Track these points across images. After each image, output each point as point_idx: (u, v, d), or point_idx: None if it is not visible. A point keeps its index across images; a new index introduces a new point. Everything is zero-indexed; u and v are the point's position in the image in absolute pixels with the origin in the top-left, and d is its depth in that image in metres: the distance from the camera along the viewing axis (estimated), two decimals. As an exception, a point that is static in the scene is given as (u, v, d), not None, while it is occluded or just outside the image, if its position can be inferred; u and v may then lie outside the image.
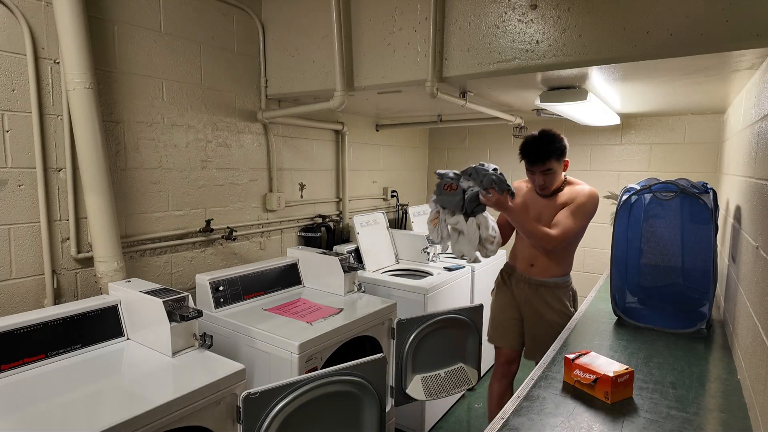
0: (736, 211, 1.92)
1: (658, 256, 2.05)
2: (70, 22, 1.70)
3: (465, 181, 2.04)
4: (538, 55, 1.77)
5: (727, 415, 1.29)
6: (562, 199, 2.15)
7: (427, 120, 3.73)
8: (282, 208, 2.85)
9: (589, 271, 3.84)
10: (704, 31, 1.46)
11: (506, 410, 1.30)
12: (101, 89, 1.93)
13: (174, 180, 2.26)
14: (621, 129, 3.61)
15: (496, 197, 1.95)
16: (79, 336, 1.63)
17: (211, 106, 2.40)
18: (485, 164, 2.07)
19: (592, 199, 2.11)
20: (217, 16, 2.38)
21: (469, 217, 2.04)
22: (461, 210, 2.03)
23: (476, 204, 2.01)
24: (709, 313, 1.89)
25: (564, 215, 2.10)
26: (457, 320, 2.06)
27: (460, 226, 2.04)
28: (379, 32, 2.13)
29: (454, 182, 2.05)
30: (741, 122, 2.10)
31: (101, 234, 1.85)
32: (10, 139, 1.73)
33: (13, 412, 1.25)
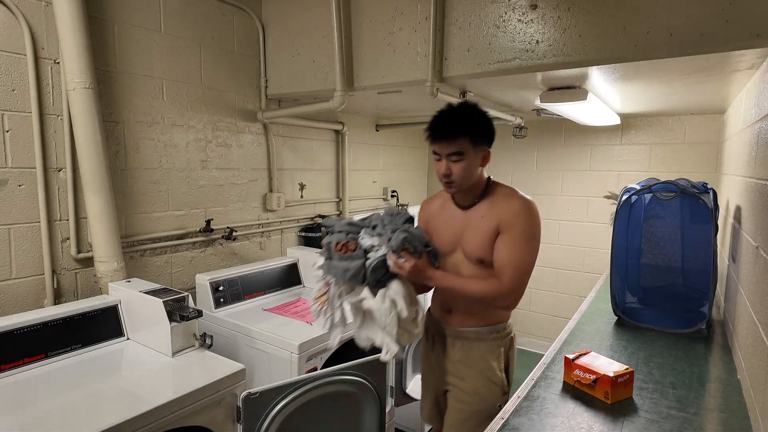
0: (736, 211, 1.92)
1: (658, 256, 2.04)
2: (70, 22, 1.70)
3: (367, 236, 1.43)
4: (538, 55, 1.77)
5: (727, 415, 1.29)
6: (488, 213, 1.48)
7: (427, 120, 3.71)
8: (282, 208, 2.85)
9: (589, 271, 3.84)
10: (704, 31, 1.46)
11: (506, 410, 1.30)
12: (101, 89, 1.93)
13: (174, 180, 2.26)
14: (621, 129, 3.61)
15: (412, 263, 1.38)
16: (79, 336, 1.63)
17: (211, 106, 2.40)
18: (395, 211, 1.52)
19: (532, 213, 1.46)
20: (217, 16, 2.38)
21: (379, 288, 1.41)
22: (362, 281, 1.39)
23: (385, 272, 1.40)
24: (709, 313, 1.89)
25: (506, 250, 1.42)
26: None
27: (366, 304, 1.40)
28: (379, 32, 2.13)
29: (350, 239, 1.43)
30: (741, 122, 2.10)
31: (101, 234, 1.85)
32: (10, 139, 1.73)
33: (13, 412, 1.25)
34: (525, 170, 4.03)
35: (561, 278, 3.98)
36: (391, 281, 1.41)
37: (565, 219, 3.91)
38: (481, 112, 1.48)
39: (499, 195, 1.52)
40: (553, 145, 3.90)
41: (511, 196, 1.50)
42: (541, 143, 3.94)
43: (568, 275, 3.94)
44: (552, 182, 3.93)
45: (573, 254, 3.90)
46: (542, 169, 3.96)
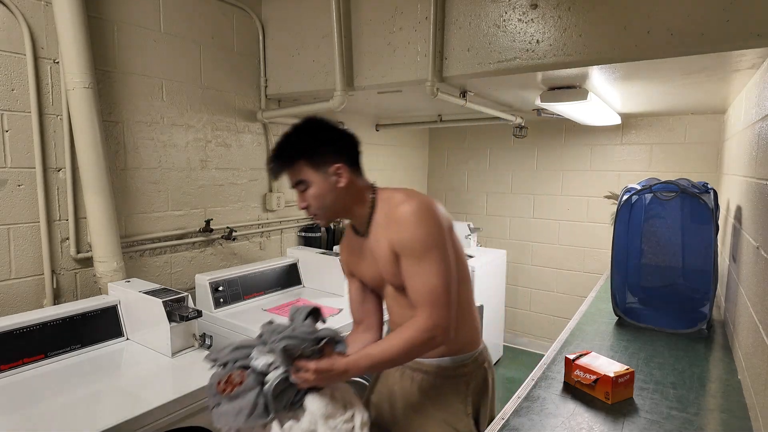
0: (737, 211, 1.91)
1: (658, 256, 2.04)
2: (70, 22, 1.70)
3: (261, 354, 1.12)
4: (538, 54, 1.77)
5: (727, 416, 1.29)
6: (381, 235, 1.22)
7: (427, 120, 3.73)
8: (282, 208, 2.85)
9: (589, 271, 3.84)
10: (704, 31, 1.46)
11: (506, 410, 1.30)
12: (101, 89, 1.93)
13: (173, 180, 2.26)
14: (621, 129, 3.61)
15: (315, 367, 1.08)
16: (78, 336, 1.63)
17: (211, 106, 2.40)
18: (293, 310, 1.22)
19: (423, 217, 1.14)
20: (217, 16, 2.38)
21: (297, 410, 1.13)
22: (268, 414, 1.08)
23: (296, 390, 1.12)
24: (709, 314, 1.89)
25: (412, 279, 1.16)
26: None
27: None
28: (379, 32, 2.13)
29: (234, 369, 1.12)
30: (741, 122, 2.10)
31: (101, 234, 1.84)
32: (10, 139, 1.72)
33: (13, 412, 1.25)
34: (525, 170, 4.03)
35: (561, 278, 3.98)
36: (306, 397, 1.12)
37: (565, 219, 3.91)
38: (315, 126, 1.27)
39: (388, 208, 1.22)
40: (553, 145, 3.90)
41: (397, 207, 1.17)
42: (541, 143, 3.94)
43: (569, 275, 3.94)
44: (552, 182, 3.93)
45: (573, 254, 3.90)
46: (542, 169, 3.96)
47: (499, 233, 4.22)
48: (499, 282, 3.71)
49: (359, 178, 1.27)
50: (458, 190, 4.40)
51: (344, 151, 1.25)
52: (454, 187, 4.42)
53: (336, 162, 1.21)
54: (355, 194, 1.25)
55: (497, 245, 4.16)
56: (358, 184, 1.26)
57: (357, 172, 1.27)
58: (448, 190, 4.47)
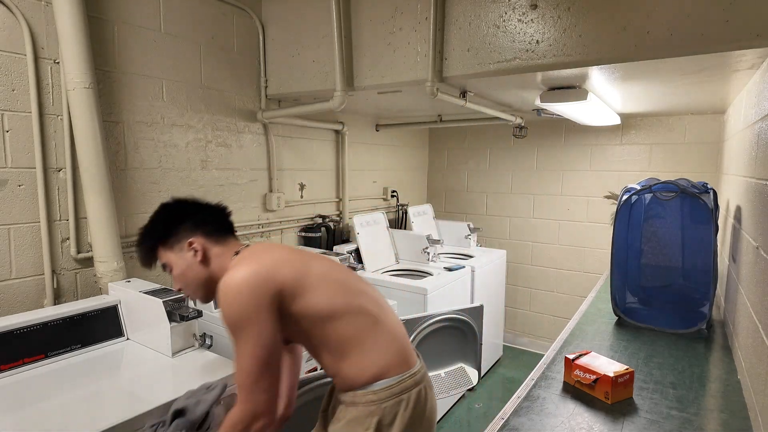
0: (737, 211, 1.92)
1: (658, 256, 2.04)
2: (70, 22, 1.70)
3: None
4: (538, 55, 1.77)
5: (727, 415, 1.29)
6: None
7: (427, 120, 3.73)
8: (282, 208, 2.85)
9: (589, 271, 3.84)
10: (704, 31, 1.46)
11: (506, 410, 1.30)
12: (101, 89, 1.93)
13: (174, 180, 2.26)
14: (621, 129, 3.61)
15: None
16: (79, 336, 1.63)
17: (211, 106, 2.40)
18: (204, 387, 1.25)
19: (228, 297, 1.07)
20: (217, 16, 2.38)
21: None
22: None
23: None
24: (709, 313, 1.89)
25: (234, 351, 1.09)
26: (457, 320, 2.06)
27: None
28: (379, 32, 2.13)
29: None
30: (741, 122, 2.10)
31: (101, 234, 1.85)
32: (10, 139, 1.72)
33: (13, 412, 1.25)
34: (525, 170, 4.03)
35: (561, 278, 3.98)
36: None
37: (565, 219, 3.91)
38: (164, 210, 1.27)
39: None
40: (553, 145, 3.90)
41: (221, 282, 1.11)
42: (541, 143, 3.94)
43: (569, 275, 3.94)
44: (552, 182, 3.93)
45: (573, 254, 3.90)
46: (542, 169, 3.96)
47: (499, 233, 4.23)
48: (499, 282, 3.72)
49: (223, 245, 1.25)
50: (458, 190, 4.40)
51: (200, 224, 1.24)
52: (454, 187, 4.42)
53: (190, 237, 1.22)
54: (218, 263, 1.23)
55: (497, 245, 4.16)
56: (220, 252, 1.23)
57: (221, 241, 1.25)
58: (448, 190, 4.47)
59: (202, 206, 1.31)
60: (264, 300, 1.06)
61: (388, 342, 1.15)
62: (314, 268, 1.16)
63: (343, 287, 1.17)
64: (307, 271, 1.14)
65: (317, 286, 1.12)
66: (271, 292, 1.07)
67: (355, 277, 1.25)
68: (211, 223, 1.26)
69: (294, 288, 1.09)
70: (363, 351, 1.12)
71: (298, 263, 1.15)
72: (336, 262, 1.28)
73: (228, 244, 1.26)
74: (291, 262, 1.14)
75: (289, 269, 1.11)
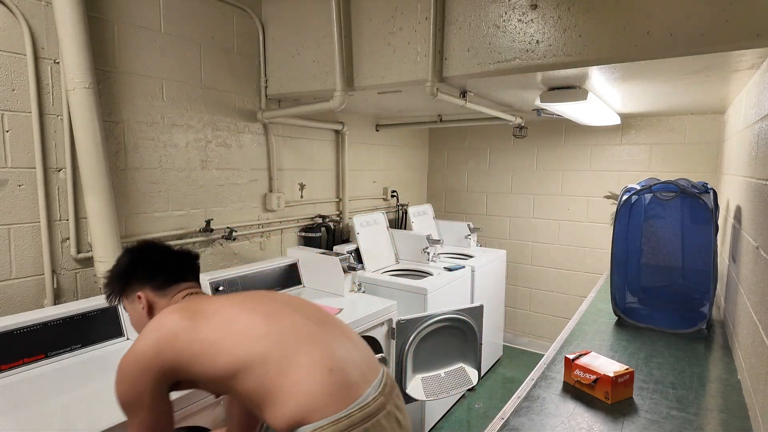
0: (737, 211, 1.92)
1: (658, 256, 2.04)
2: (70, 22, 1.70)
3: None
4: (538, 55, 1.77)
5: (727, 416, 1.29)
6: None
7: (427, 120, 3.73)
8: (282, 208, 2.85)
9: (589, 271, 3.84)
10: (704, 31, 1.46)
11: (506, 410, 1.30)
12: (101, 89, 1.93)
13: (174, 180, 2.26)
14: (621, 129, 3.61)
15: None
16: (79, 336, 1.63)
17: (211, 106, 2.40)
18: None
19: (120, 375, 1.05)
20: (217, 16, 2.38)
21: None
22: None
23: None
24: (709, 313, 1.89)
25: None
26: (457, 320, 2.06)
27: None
28: (379, 32, 2.13)
29: None
30: (741, 122, 2.10)
31: (101, 234, 1.85)
32: (10, 139, 1.73)
33: (13, 412, 1.25)
34: (525, 170, 4.03)
35: (561, 278, 3.98)
36: None
37: (565, 219, 3.91)
38: (118, 265, 1.27)
39: None
40: (553, 145, 3.90)
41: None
42: (541, 143, 3.94)
43: (569, 275, 3.94)
44: (552, 182, 3.93)
45: (573, 254, 3.90)
46: (542, 169, 3.96)
47: (499, 233, 4.23)
48: (499, 282, 3.72)
49: (168, 297, 1.23)
50: (458, 190, 4.40)
51: (150, 276, 1.23)
52: (454, 187, 4.42)
53: (139, 290, 1.23)
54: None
55: (497, 245, 4.16)
56: (164, 305, 1.21)
57: (167, 293, 1.23)
58: (448, 190, 4.47)
59: (158, 255, 1.28)
60: (148, 384, 1.03)
61: (314, 380, 1.00)
62: (214, 325, 1.06)
63: (246, 338, 1.04)
64: (202, 336, 1.04)
65: (212, 348, 1.03)
66: (157, 375, 1.03)
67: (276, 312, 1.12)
68: (161, 274, 1.24)
69: (187, 359, 1.03)
70: (279, 399, 0.99)
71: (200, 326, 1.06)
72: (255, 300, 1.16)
73: (171, 296, 1.23)
74: (188, 330, 1.04)
75: (184, 337, 1.04)
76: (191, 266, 1.33)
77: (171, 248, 1.32)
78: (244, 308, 1.11)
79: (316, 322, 1.13)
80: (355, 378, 1.05)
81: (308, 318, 1.13)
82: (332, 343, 1.08)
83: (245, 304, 1.13)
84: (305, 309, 1.18)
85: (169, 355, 1.03)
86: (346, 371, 1.04)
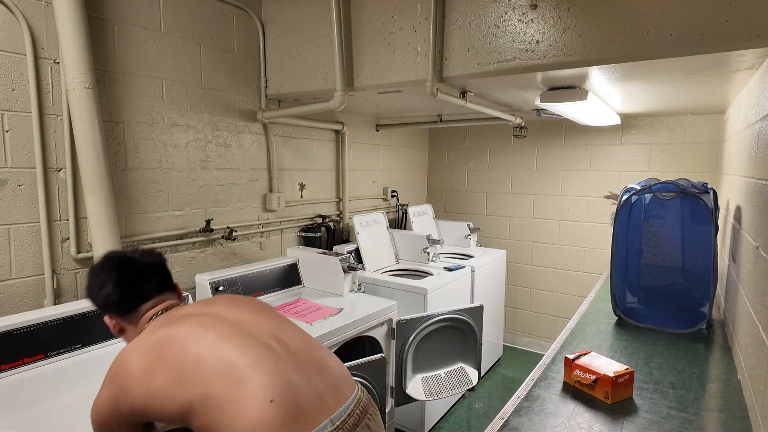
0: (737, 211, 1.92)
1: (658, 256, 2.04)
2: (70, 22, 1.70)
3: None
4: (538, 55, 1.77)
5: (727, 416, 1.29)
6: None
7: (427, 120, 3.73)
8: (282, 208, 2.85)
9: (589, 271, 3.84)
10: (704, 31, 1.46)
11: (506, 410, 1.30)
12: (101, 89, 1.93)
13: (174, 180, 2.26)
14: (621, 129, 3.61)
15: None
16: (79, 336, 1.63)
17: (211, 106, 2.40)
18: None
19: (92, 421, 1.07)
20: (217, 16, 2.38)
21: None
22: None
23: None
24: (709, 313, 1.89)
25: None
26: (457, 320, 2.06)
27: None
28: (379, 32, 2.13)
29: None
30: (741, 122, 2.10)
31: (101, 234, 1.84)
32: (10, 139, 1.73)
33: (13, 412, 1.25)
34: (525, 170, 4.03)
35: (561, 278, 3.98)
36: None
37: (565, 219, 3.91)
38: (87, 289, 1.24)
39: None
40: (553, 145, 3.90)
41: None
42: (541, 143, 3.94)
43: (569, 275, 3.94)
44: (552, 182, 3.93)
45: (573, 254, 3.90)
46: (542, 169, 3.96)
47: (499, 233, 4.23)
48: (499, 282, 3.72)
49: (134, 324, 1.20)
50: (458, 190, 4.40)
51: (106, 305, 1.20)
52: (454, 187, 4.42)
53: (106, 314, 1.22)
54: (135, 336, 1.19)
55: (497, 245, 4.16)
56: (132, 330, 1.20)
57: (131, 318, 1.20)
58: (448, 190, 4.47)
59: (114, 276, 1.20)
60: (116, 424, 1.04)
61: (251, 415, 0.93)
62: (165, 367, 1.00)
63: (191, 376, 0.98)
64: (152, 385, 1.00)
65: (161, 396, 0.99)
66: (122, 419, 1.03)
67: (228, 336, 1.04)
68: (120, 301, 1.19)
69: (141, 409, 1.01)
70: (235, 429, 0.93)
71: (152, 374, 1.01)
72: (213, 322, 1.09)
73: (137, 322, 1.20)
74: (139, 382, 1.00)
75: (136, 390, 1.00)
76: (152, 277, 1.23)
77: (127, 262, 1.21)
78: (196, 338, 1.03)
79: (270, 344, 1.05)
80: (307, 408, 0.97)
81: (261, 340, 1.05)
82: (283, 370, 1.00)
83: (201, 330, 1.05)
84: (261, 327, 1.10)
85: (126, 406, 1.01)
86: (294, 401, 0.96)
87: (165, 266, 1.28)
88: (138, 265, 1.22)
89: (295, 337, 1.12)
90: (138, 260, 1.23)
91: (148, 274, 1.22)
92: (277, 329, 1.12)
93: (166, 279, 1.26)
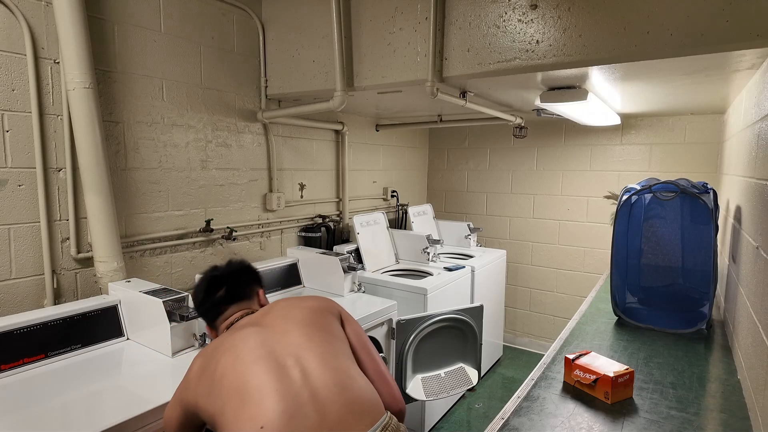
0: (737, 211, 1.92)
1: (658, 256, 2.04)
2: (70, 22, 1.70)
3: None
4: (538, 55, 1.77)
5: (727, 416, 1.29)
6: None
7: (427, 120, 3.73)
8: (282, 208, 2.85)
9: (589, 271, 3.84)
10: (704, 31, 1.46)
11: (506, 410, 1.30)
12: (101, 89, 1.93)
13: (174, 180, 2.26)
14: (621, 129, 3.61)
15: None
16: (79, 336, 1.63)
17: (211, 106, 2.40)
18: None
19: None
20: (217, 16, 2.38)
21: None
22: None
23: None
24: (709, 313, 1.89)
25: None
26: (457, 320, 2.06)
27: None
28: (379, 32, 2.13)
29: None
30: (741, 122, 2.10)
31: (101, 234, 1.85)
32: (10, 139, 1.73)
33: (13, 412, 1.25)
34: (525, 170, 4.03)
35: (561, 278, 3.98)
36: None
37: (565, 219, 3.91)
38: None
39: None
40: (553, 145, 3.90)
41: None
42: (541, 143, 3.94)
43: (569, 275, 3.94)
44: (552, 182, 3.93)
45: (573, 254, 3.90)
46: (542, 169, 3.96)
47: (499, 233, 4.23)
48: (499, 282, 3.72)
49: (218, 328, 1.29)
50: (458, 190, 4.40)
51: (206, 314, 1.31)
52: (454, 187, 4.42)
53: (207, 326, 1.34)
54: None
55: (497, 245, 4.16)
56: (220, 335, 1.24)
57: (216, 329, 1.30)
58: (448, 190, 4.47)
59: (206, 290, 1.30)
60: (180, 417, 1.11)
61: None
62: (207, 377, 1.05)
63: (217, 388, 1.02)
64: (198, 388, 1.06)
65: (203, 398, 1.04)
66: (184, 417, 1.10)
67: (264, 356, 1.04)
68: (207, 313, 1.30)
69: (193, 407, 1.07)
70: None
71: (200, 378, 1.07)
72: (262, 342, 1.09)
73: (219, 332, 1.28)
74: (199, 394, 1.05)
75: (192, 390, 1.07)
76: (234, 287, 1.29)
77: (208, 278, 1.31)
78: (230, 351, 1.07)
79: (286, 364, 1.03)
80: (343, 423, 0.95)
81: (279, 359, 1.04)
82: (285, 394, 0.97)
83: (238, 343, 1.08)
84: (287, 343, 1.08)
85: (184, 402, 1.09)
86: (290, 427, 0.92)
87: (238, 275, 1.33)
88: (212, 281, 1.30)
89: (319, 354, 1.07)
90: (213, 275, 1.31)
91: (233, 283, 1.30)
92: (301, 347, 1.07)
93: (237, 289, 1.30)
